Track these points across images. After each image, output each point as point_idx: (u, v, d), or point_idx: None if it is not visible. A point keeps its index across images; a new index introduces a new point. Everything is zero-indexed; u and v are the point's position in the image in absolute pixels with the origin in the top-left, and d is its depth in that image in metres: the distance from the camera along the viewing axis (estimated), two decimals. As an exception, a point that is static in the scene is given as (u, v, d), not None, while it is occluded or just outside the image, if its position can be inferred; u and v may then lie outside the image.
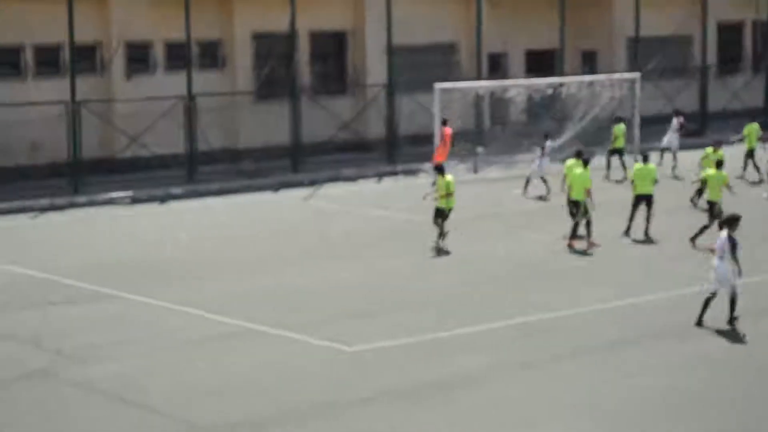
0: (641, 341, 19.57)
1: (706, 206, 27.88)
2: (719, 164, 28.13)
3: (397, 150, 40.14)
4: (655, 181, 28.12)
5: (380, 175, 38.35)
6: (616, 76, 42.88)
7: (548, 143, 35.56)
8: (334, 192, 35.65)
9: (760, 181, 36.11)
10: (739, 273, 19.72)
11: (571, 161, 29.00)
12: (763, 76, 50.21)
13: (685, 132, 34.33)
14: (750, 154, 37.81)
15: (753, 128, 38.33)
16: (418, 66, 42.83)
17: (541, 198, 33.53)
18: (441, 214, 26.84)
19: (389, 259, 26.13)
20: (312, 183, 36.79)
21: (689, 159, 39.83)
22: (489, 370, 18.13)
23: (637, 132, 41.32)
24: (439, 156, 36.51)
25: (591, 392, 17.08)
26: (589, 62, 48.11)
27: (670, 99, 48.21)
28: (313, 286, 23.61)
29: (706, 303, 20.04)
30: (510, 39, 45.98)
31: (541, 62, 46.31)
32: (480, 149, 39.34)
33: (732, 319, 19.99)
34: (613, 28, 48.19)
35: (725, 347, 19.20)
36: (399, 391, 17.18)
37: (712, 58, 50.04)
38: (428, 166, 37.77)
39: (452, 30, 44.46)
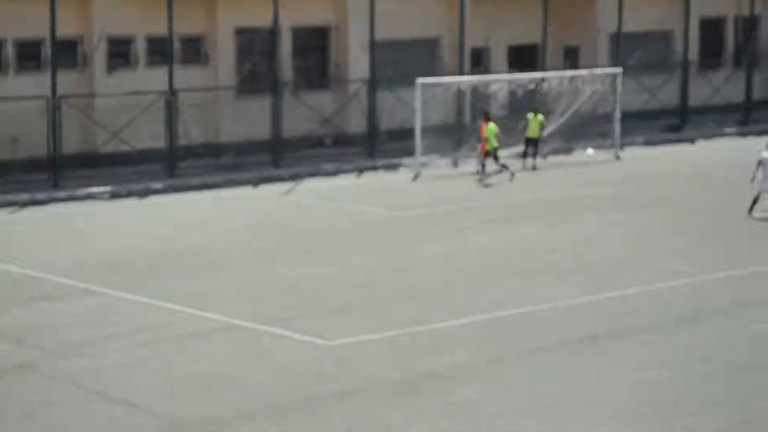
0: (623, 335, 19.63)
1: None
2: None
3: (377, 145, 40.16)
4: None
5: (360, 170, 38.34)
6: (598, 71, 42.98)
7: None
8: (314, 187, 35.62)
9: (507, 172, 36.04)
10: None
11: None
12: (744, 71, 50.33)
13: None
14: (530, 143, 37.77)
15: (536, 119, 37.92)
16: (401, 61, 42.82)
17: None
18: None
19: (369, 253, 26.17)
20: (292, 178, 36.75)
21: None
22: (469, 364, 18.16)
23: (617, 127, 41.40)
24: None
25: (575, 386, 17.13)
26: (571, 57, 48.19)
27: (652, 94, 48.36)
28: (293, 281, 23.63)
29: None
30: (492, 34, 46.01)
31: (523, 57, 46.38)
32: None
33: None
34: (596, 23, 48.27)
35: (711, 341, 19.27)
36: (379, 385, 17.22)
37: (693, 53, 50.15)
38: (410, 160, 37.81)
39: (435, 25, 44.46)
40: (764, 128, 47.91)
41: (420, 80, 37.99)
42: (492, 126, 36.30)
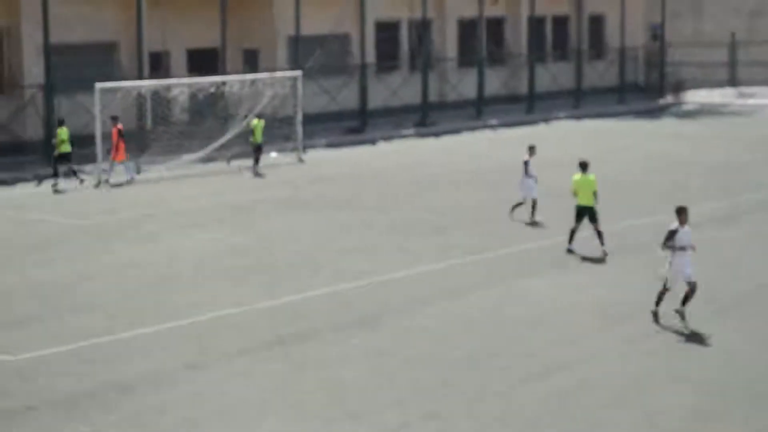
0: (311, 336, 19.82)
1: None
2: (585, 166, 25.45)
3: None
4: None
5: (40, 178, 37.25)
6: (278, 74, 43.34)
7: None
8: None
9: None
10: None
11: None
12: (420, 74, 51.86)
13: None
14: (257, 148, 38.05)
15: (260, 124, 38.44)
16: (78, 65, 41.92)
17: None
18: None
19: (48, 263, 25.44)
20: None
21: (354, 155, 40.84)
22: (158, 372, 17.95)
23: (299, 130, 41.88)
24: (117, 155, 35.96)
25: (264, 389, 17.19)
26: (251, 61, 48.42)
27: (332, 97, 49.16)
28: (-30, 296, 22.73)
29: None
30: (171, 38, 45.67)
31: (203, 61, 46.26)
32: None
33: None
34: (274, 26, 48.66)
35: (390, 338, 19.70)
36: (66, 399, 16.77)
37: (370, 56, 51.30)
38: (92, 167, 37.00)
39: (112, 29, 43.75)
40: (441, 129, 49.65)
41: (98, 85, 37.27)
42: (64, 130, 35.72)
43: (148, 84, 40.70)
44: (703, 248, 25.99)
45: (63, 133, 35.69)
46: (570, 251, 25.57)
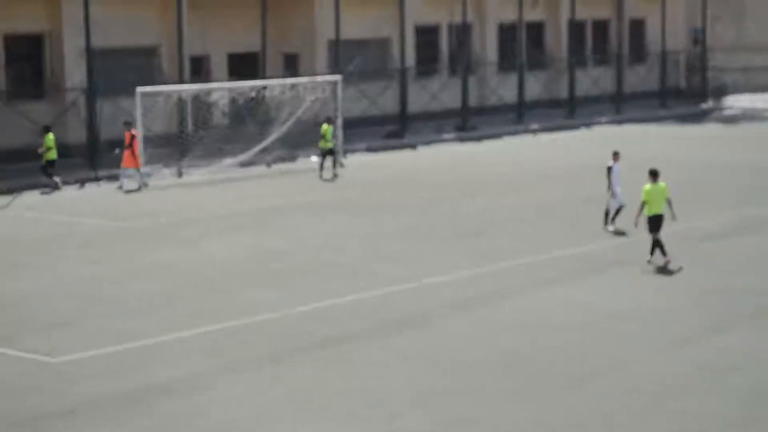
0: (348, 340, 19.82)
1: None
2: (656, 175, 25.03)
3: (98, 155, 39.31)
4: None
5: (82, 181, 37.47)
6: (318, 78, 43.38)
7: None
8: (33, 200, 34.58)
9: None
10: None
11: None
12: (460, 78, 51.76)
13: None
14: (327, 152, 38.08)
15: (329, 129, 38.39)
16: (119, 69, 42.12)
17: None
18: None
19: (89, 265, 25.57)
20: (10, 191, 35.51)
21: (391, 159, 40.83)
22: (199, 375, 17.99)
23: (340, 134, 41.90)
24: (127, 161, 36.04)
25: (300, 392, 17.22)
26: (291, 65, 48.49)
27: (372, 101, 49.15)
28: (10, 297, 22.83)
29: None
30: (211, 42, 45.82)
31: (243, 65, 46.38)
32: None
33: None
34: (315, 30, 48.73)
35: (426, 344, 19.67)
36: (105, 401, 16.85)
37: (410, 60, 51.27)
38: (134, 171, 37.12)
39: (152, 33, 43.93)
40: (481, 133, 49.54)
41: (140, 89, 37.44)
42: (50, 137, 35.98)
43: (188, 88, 40.86)
44: (742, 254, 25.79)
45: (49, 140, 35.86)
46: (667, 264, 24.73)
